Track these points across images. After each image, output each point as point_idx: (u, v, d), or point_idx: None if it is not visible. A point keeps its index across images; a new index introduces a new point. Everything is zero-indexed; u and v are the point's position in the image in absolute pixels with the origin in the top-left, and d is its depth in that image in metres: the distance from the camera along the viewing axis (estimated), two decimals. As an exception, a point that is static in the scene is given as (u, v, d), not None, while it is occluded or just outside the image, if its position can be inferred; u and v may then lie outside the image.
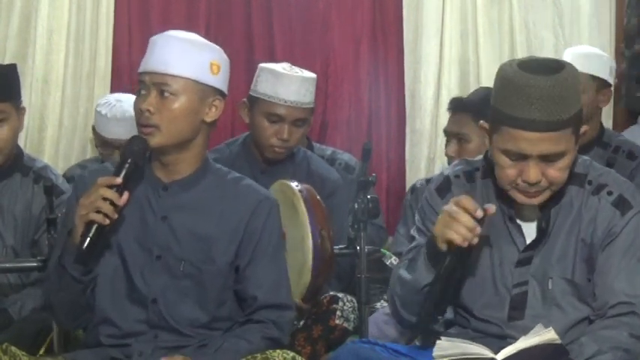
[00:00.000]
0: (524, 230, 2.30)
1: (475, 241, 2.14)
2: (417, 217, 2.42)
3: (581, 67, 3.86)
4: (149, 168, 2.41)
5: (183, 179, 2.39)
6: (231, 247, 2.38)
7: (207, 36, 4.40)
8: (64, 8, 4.23)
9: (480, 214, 2.13)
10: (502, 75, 2.18)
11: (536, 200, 2.22)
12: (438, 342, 2.12)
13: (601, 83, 3.94)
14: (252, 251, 2.39)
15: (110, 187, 2.21)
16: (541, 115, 2.10)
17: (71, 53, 4.24)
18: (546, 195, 2.21)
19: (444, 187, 2.37)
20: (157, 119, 2.30)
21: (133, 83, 4.34)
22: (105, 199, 2.19)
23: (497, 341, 2.27)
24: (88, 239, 2.18)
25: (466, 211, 2.13)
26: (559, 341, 2.05)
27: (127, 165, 2.25)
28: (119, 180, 2.22)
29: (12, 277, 3.13)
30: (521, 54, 4.36)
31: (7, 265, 2.98)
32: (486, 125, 2.25)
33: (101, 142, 3.79)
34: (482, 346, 2.13)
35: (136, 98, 2.36)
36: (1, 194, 3.13)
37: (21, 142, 3.38)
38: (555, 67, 2.18)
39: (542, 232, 2.28)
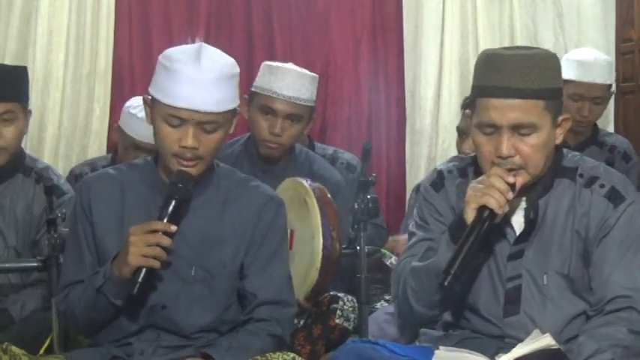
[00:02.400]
0: (513, 224, 2.30)
1: (506, 209, 2.15)
2: (415, 213, 2.43)
3: (604, 79, 3.90)
4: (155, 173, 2.40)
5: None
6: (240, 249, 2.38)
7: (207, 36, 4.47)
8: (64, 8, 4.23)
9: (511, 179, 2.16)
10: (481, 54, 2.26)
11: (520, 180, 2.20)
12: (436, 352, 2.12)
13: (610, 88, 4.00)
14: (256, 250, 2.39)
15: (165, 232, 2.20)
16: (509, 81, 2.15)
17: (71, 53, 4.25)
18: (523, 177, 2.20)
19: (438, 181, 2.39)
20: (201, 152, 2.29)
21: (133, 83, 4.35)
22: (159, 245, 2.19)
23: (496, 341, 2.27)
24: (138, 284, 2.19)
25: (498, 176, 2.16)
26: (557, 346, 2.04)
27: (173, 202, 2.24)
28: (174, 228, 2.22)
29: (13, 277, 3.12)
30: (521, 54, 4.35)
31: (8, 265, 2.98)
32: (469, 112, 2.29)
33: (130, 143, 3.62)
34: (480, 354, 2.12)
35: (167, 130, 2.27)
36: (3, 195, 3.14)
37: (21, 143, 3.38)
38: (535, 48, 2.25)
39: (530, 223, 2.28)
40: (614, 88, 4.17)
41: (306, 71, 3.45)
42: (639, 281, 2.21)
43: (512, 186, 2.16)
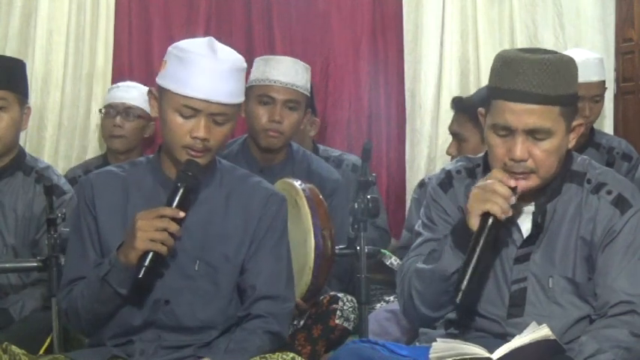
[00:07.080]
0: (521, 227, 2.30)
1: (510, 214, 2.15)
2: (421, 213, 2.43)
3: (598, 76, 3.92)
4: (159, 169, 2.40)
5: None
6: (244, 244, 2.38)
7: (206, 35, 4.44)
8: (64, 8, 4.23)
9: (512, 183, 2.16)
10: (499, 54, 2.24)
11: (524, 184, 2.21)
12: (434, 343, 2.12)
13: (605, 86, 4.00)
14: (258, 244, 2.39)
15: (172, 218, 2.21)
16: (527, 86, 2.14)
17: (71, 53, 4.25)
18: (534, 181, 2.21)
19: (446, 181, 2.39)
20: (211, 144, 2.30)
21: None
22: (167, 230, 2.19)
23: (498, 341, 2.26)
24: (144, 268, 2.18)
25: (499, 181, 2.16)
26: (553, 337, 2.06)
27: (182, 190, 2.25)
28: (182, 214, 2.23)
29: (12, 277, 3.12)
30: (521, 54, 4.35)
31: (8, 265, 2.98)
32: (482, 111, 2.29)
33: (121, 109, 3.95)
34: (479, 346, 2.12)
35: (178, 121, 2.28)
36: (2, 193, 3.14)
37: (21, 142, 3.37)
38: (552, 52, 2.23)
39: (537, 227, 2.28)
40: (613, 87, 4.18)
41: (299, 60, 3.47)
42: None
43: (513, 189, 2.16)
